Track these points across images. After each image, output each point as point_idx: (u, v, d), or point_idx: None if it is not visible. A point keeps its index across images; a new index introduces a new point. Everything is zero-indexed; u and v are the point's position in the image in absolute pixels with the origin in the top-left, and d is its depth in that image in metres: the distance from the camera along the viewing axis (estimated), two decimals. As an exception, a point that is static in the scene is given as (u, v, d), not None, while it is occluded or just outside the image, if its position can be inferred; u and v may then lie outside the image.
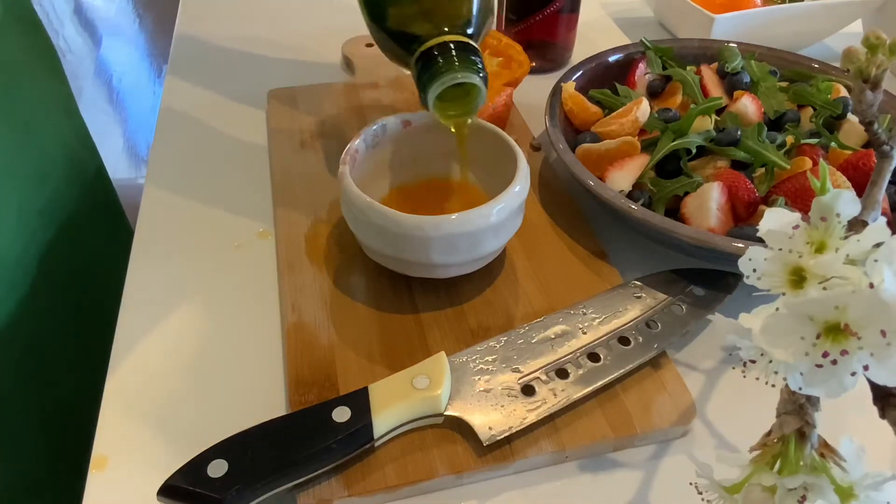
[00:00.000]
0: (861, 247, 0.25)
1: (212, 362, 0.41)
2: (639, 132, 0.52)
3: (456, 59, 0.40)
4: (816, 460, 0.27)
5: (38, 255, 0.56)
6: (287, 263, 0.46)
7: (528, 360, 0.39)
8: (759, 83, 0.55)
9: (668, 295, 0.43)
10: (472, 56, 0.40)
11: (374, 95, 0.62)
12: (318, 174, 0.53)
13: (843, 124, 0.52)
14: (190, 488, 0.31)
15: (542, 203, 0.52)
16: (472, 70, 0.40)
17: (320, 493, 0.34)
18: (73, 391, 0.60)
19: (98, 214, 0.68)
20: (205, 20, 0.77)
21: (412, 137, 0.48)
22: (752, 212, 0.46)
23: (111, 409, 0.39)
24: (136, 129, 2.12)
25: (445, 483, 0.35)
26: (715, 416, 0.40)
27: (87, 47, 2.51)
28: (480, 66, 0.40)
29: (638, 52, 0.60)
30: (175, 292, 0.46)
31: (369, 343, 0.41)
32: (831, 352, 0.25)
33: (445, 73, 0.39)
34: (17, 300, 0.53)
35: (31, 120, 0.56)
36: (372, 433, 0.34)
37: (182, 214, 0.51)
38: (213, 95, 0.64)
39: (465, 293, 0.44)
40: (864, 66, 0.31)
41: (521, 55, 0.60)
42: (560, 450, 0.36)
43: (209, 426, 0.34)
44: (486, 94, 0.41)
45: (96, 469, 0.36)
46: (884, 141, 0.33)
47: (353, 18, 0.80)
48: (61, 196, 0.60)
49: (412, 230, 0.39)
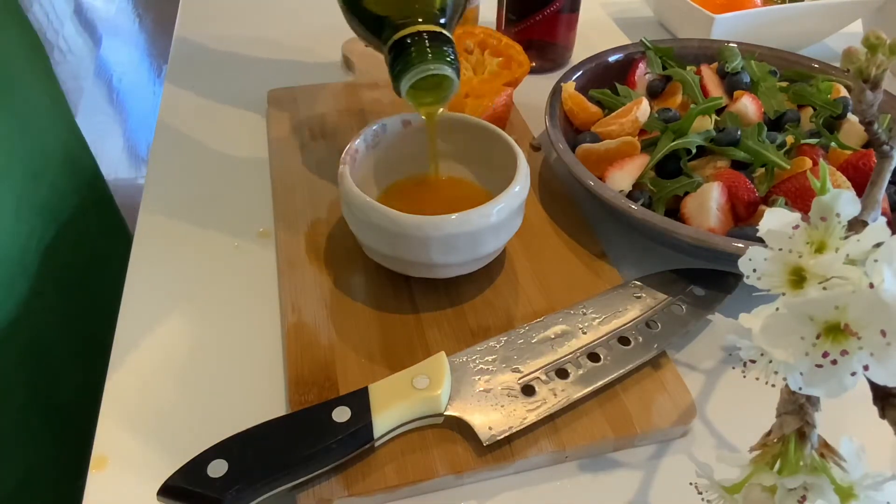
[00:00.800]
0: (861, 247, 0.25)
1: (212, 362, 0.41)
2: (639, 132, 0.52)
3: (429, 50, 0.39)
4: (816, 460, 0.27)
5: (37, 254, 0.56)
6: (287, 263, 0.46)
7: (528, 360, 0.39)
8: (759, 83, 0.55)
9: (668, 295, 0.43)
10: (444, 47, 0.40)
11: (374, 95, 0.62)
12: (318, 174, 0.53)
13: (843, 124, 0.52)
14: (190, 488, 0.31)
15: (542, 203, 0.52)
16: (444, 62, 0.39)
17: (320, 493, 0.34)
18: (73, 391, 0.60)
19: (96, 214, 0.68)
20: (205, 20, 0.77)
21: (412, 137, 0.48)
22: (752, 212, 0.46)
23: (111, 409, 0.39)
24: (136, 129, 2.12)
25: (445, 483, 0.35)
26: (715, 416, 0.40)
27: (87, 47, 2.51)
28: (453, 56, 0.40)
29: (638, 52, 0.60)
30: (175, 292, 0.46)
31: (369, 343, 0.41)
32: (831, 352, 0.25)
33: (418, 64, 0.39)
34: (17, 298, 0.53)
35: (26, 117, 0.56)
36: (372, 433, 0.34)
37: (182, 214, 0.51)
38: (213, 95, 0.64)
39: (465, 293, 0.44)
40: (864, 66, 0.31)
41: (521, 55, 0.60)
42: (560, 450, 0.36)
43: (209, 426, 0.34)
44: (458, 85, 0.41)
45: (96, 469, 0.36)
46: (884, 141, 0.33)
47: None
48: (59, 194, 0.60)
49: (412, 230, 0.39)
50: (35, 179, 0.56)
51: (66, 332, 0.61)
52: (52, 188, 0.58)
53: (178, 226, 0.50)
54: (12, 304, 0.53)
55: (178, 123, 0.61)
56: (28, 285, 0.54)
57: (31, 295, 0.55)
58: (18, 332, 0.53)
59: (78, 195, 0.64)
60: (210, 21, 0.76)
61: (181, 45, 0.72)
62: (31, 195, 0.55)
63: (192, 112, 0.62)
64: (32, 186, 0.55)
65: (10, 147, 0.53)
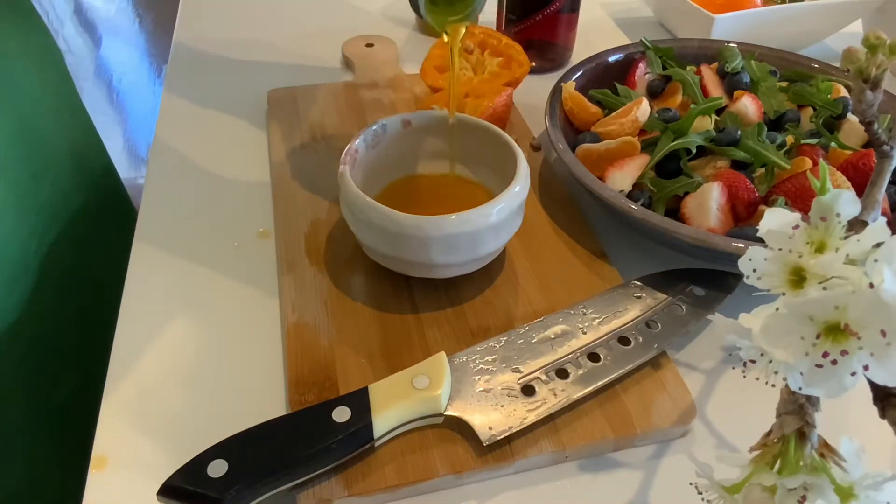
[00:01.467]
0: (861, 247, 0.25)
1: (212, 362, 0.41)
2: (639, 132, 0.52)
3: None
4: (816, 460, 0.27)
5: (39, 253, 0.55)
6: (287, 263, 0.46)
7: (528, 360, 0.39)
8: (759, 83, 0.55)
9: (668, 295, 0.43)
10: None
11: (374, 95, 0.62)
12: (318, 174, 0.53)
13: (843, 124, 0.52)
14: (190, 488, 0.31)
15: (542, 203, 0.52)
16: None
17: (320, 493, 0.34)
18: (73, 391, 0.60)
19: (104, 213, 0.68)
20: (205, 20, 0.77)
21: (412, 137, 0.48)
22: (752, 212, 0.46)
23: (111, 409, 0.39)
24: (136, 129, 2.12)
25: (445, 483, 0.35)
26: (715, 416, 0.40)
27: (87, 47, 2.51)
28: None
29: (638, 52, 0.60)
30: (175, 292, 0.46)
31: (369, 343, 0.41)
32: (831, 352, 0.25)
33: None
34: (18, 297, 0.53)
35: (30, 115, 0.56)
36: (372, 433, 0.34)
37: (182, 214, 0.51)
38: (212, 95, 0.64)
39: (465, 293, 0.44)
40: (864, 66, 0.31)
41: (521, 55, 0.60)
42: (560, 450, 0.36)
43: (209, 426, 0.34)
44: None
45: (96, 469, 0.36)
46: (884, 141, 0.33)
47: (353, 18, 0.80)
48: (61, 194, 0.59)
49: (412, 230, 0.39)
50: (35, 178, 0.56)
51: (66, 331, 0.61)
52: (53, 187, 0.58)
53: (178, 226, 0.50)
54: (14, 302, 0.53)
55: (178, 123, 0.61)
56: (30, 283, 0.54)
57: (34, 292, 0.54)
58: (20, 331, 0.53)
59: (85, 195, 0.63)
60: (210, 21, 0.77)
61: (181, 45, 0.72)
62: (31, 194, 0.55)
63: (192, 112, 0.62)
64: (33, 185, 0.55)
65: (10, 145, 0.53)
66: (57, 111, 0.62)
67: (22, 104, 0.55)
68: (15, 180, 0.53)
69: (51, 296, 0.57)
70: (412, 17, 0.78)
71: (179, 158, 0.57)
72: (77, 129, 0.66)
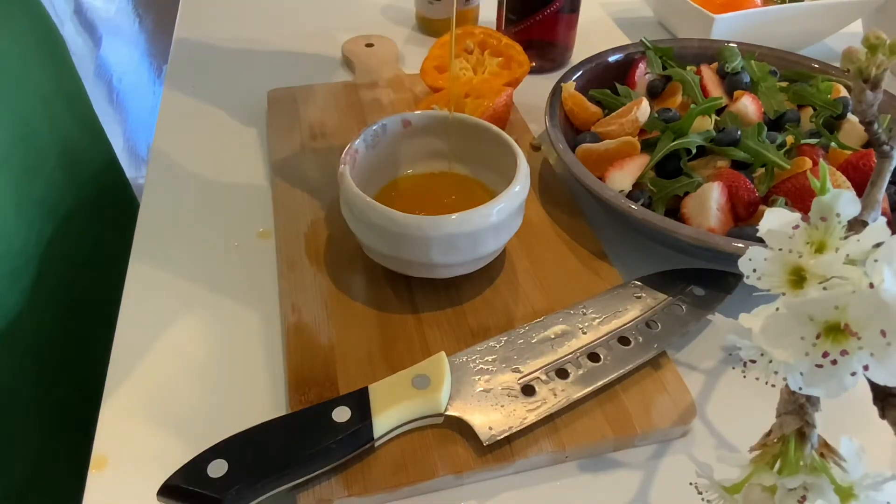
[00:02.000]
0: (861, 247, 0.25)
1: (211, 362, 0.41)
2: (639, 132, 0.52)
3: None
4: (816, 460, 0.27)
5: (39, 249, 0.55)
6: (287, 263, 0.46)
7: (528, 360, 0.39)
8: (759, 83, 0.55)
9: (668, 295, 0.43)
10: None
11: (374, 95, 0.62)
12: (318, 174, 0.53)
13: (843, 124, 0.52)
14: (190, 488, 0.31)
15: (542, 203, 0.52)
16: None
17: (320, 493, 0.34)
18: (73, 391, 0.60)
19: (105, 209, 0.68)
20: (205, 20, 0.77)
21: (412, 137, 0.48)
22: (752, 212, 0.46)
23: (111, 409, 0.39)
24: (136, 129, 2.12)
25: (445, 483, 0.35)
26: (715, 416, 0.40)
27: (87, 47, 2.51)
28: None
29: (638, 52, 0.60)
30: (175, 292, 0.46)
31: (369, 343, 0.41)
32: (831, 352, 0.25)
33: None
34: (19, 295, 0.53)
35: (29, 111, 0.56)
36: (372, 433, 0.34)
37: (182, 214, 0.51)
38: (212, 95, 0.64)
39: (465, 293, 0.44)
40: (864, 66, 0.31)
41: (521, 55, 0.60)
42: (560, 450, 0.36)
43: (209, 426, 0.34)
44: None
45: (96, 469, 0.36)
46: (884, 141, 0.33)
47: (353, 18, 0.80)
48: (58, 189, 0.59)
49: (412, 230, 0.39)
50: (31, 172, 0.55)
51: (67, 331, 0.61)
52: (49, 182, 0.58)
53: (178, 226, 0.50)
54: (14, 300, 0.53)
55: (178, 123, 0.61)
56: (31, 280, 0.54)
57: (34, 290, 0.54)
58: (21, 330, 0.53)
59: (85, 190, 0.63)
60: (210, 21, 0.76)
61: (181, 45, 0.72)
62: (30, 188, 0.55)
63: (192, 112, 0.62)
64: (30, 179, 0.55)
65: (10, 141, 0.53)
66: (56, 106, 0.61)
67: (18, 95, 0.55)
68: (13, 174, 0.53)
69: (52, 293, 0.57)
70: (412, 17, 0.78)
71: (179, 158, 0.57)
72: (77, 123, 0.66)
